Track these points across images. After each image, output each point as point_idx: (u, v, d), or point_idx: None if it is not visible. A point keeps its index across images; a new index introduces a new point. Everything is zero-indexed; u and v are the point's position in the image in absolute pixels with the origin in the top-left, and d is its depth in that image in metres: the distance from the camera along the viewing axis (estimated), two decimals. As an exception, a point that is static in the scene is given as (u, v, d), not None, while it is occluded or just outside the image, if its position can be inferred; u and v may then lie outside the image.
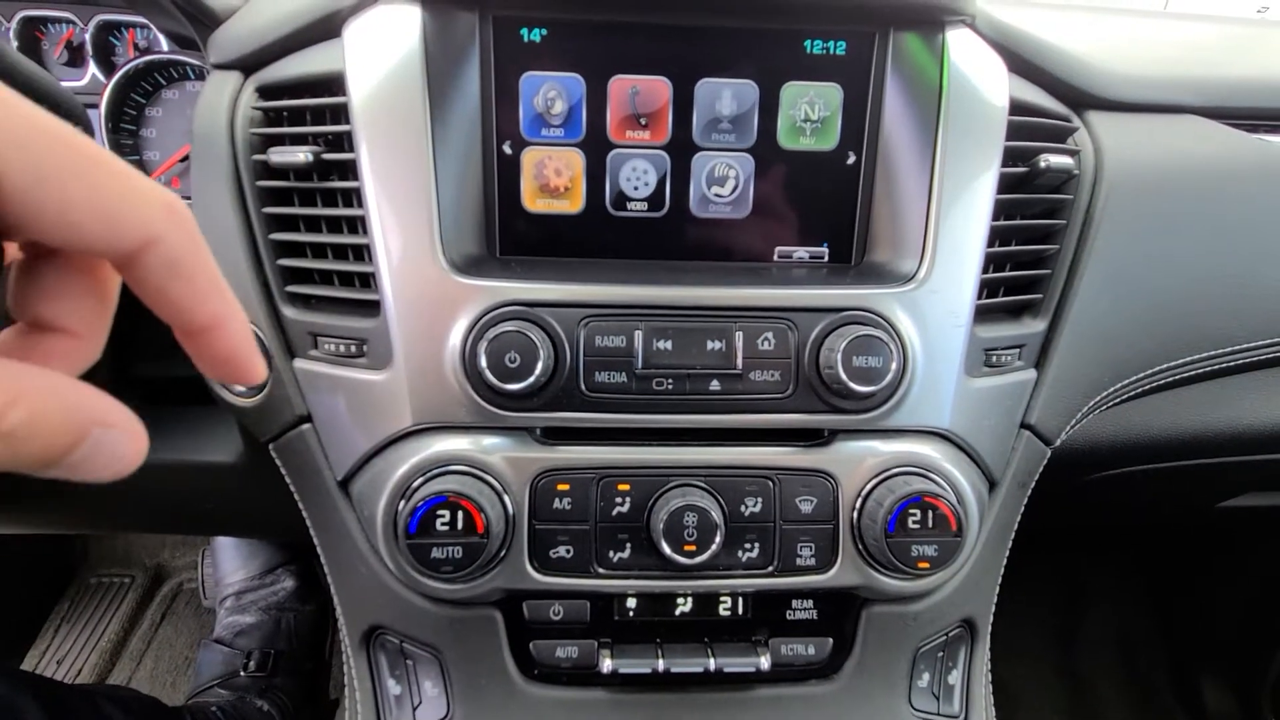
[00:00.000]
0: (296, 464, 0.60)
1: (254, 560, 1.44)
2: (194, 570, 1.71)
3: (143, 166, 0.81)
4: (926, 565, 0.53)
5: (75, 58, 0.82)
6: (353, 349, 0.55)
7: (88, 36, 0.80)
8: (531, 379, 0.50)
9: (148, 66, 0.80)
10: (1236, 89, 0.71)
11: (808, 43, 0.56)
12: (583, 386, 0.53)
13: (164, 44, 0.80)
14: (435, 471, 0.52)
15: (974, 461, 0.59)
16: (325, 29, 0.58)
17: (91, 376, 0.75)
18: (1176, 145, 0.67)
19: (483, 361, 0.50)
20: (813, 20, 0.56)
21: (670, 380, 0.53)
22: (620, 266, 0.58)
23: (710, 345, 0.53)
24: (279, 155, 0.55)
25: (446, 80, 0.54)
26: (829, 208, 0.60)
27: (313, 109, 0.57)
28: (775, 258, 0.61)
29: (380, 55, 0.54)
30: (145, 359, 0.73)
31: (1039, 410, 0.63)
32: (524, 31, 0.55)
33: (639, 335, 0.52)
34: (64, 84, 0.80)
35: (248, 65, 0.60)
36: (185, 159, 0.81)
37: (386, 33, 0.54)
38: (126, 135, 0.81)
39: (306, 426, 0.58)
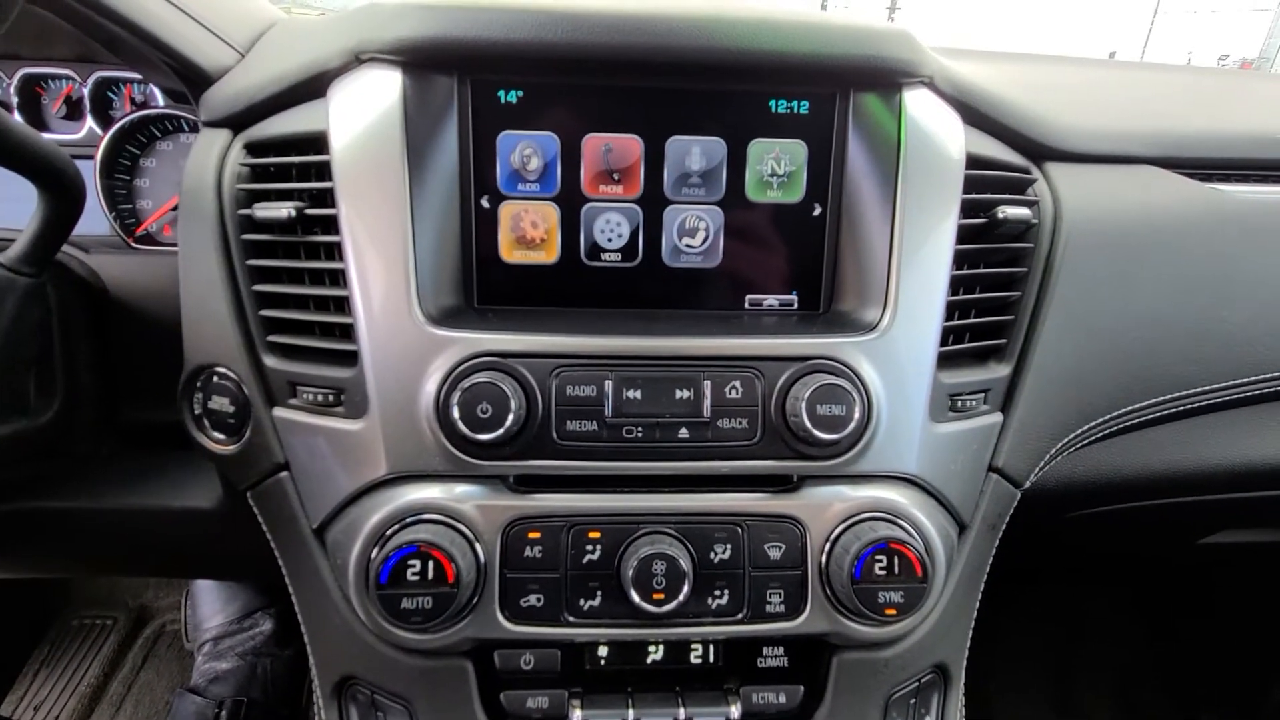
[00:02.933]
0: (273, 511, 0.60)
1: (233, 604, 1.43)
2: (177, 611, 1.69)
3: (135, 214, 0.84)
4: (894, 612, 0.53)
5: (74, 111, 0.84)
6: (330, 398, 0.57)
7: (86, 92, 0.83)
8: (503, 429, 0.51)
9: (143, 120, 0.82)
10: (1190, 140, 0.74)
11: (772, 102, 0.59)
12: (554, 435, 0.54)
13: (160, 99, 0.83)
14: (408, 520, 0.52)
15: (942, 505, 0.60)
16: (312, 89, 0.61)
17: (78, 422, 0.76)
18: (1133, 195, 0.69)
19: (455, 412, 0.51)
20: (775, 83, 0.58)
21: (640, 428, 0.54)
22: (593, 316, 0.60)
23: (679, 394, 0.54)
24: (263, 210, 0.57)
25: (425, 139, 0.56)
26: (796, 258, 0.62)
27: (298, 166, 0.59)
28: (746, 305, 0.63)
29: (361, 115, 0.56)
30: (130, 404, 0.74)
31: (1006, 453, 0.64)
32: (501, 94, 0.58)
33: (609, 385, 0.54)
34: (62, 136, 0.83)
35: (237, 123, 0.63)
36: (177, 207, 0.83)
37: (368, 94, 0.56)
38: (120, 184, 0.84)
39: (284, 474, 0.59)
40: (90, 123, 0.83)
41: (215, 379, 0.60)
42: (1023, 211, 0.62)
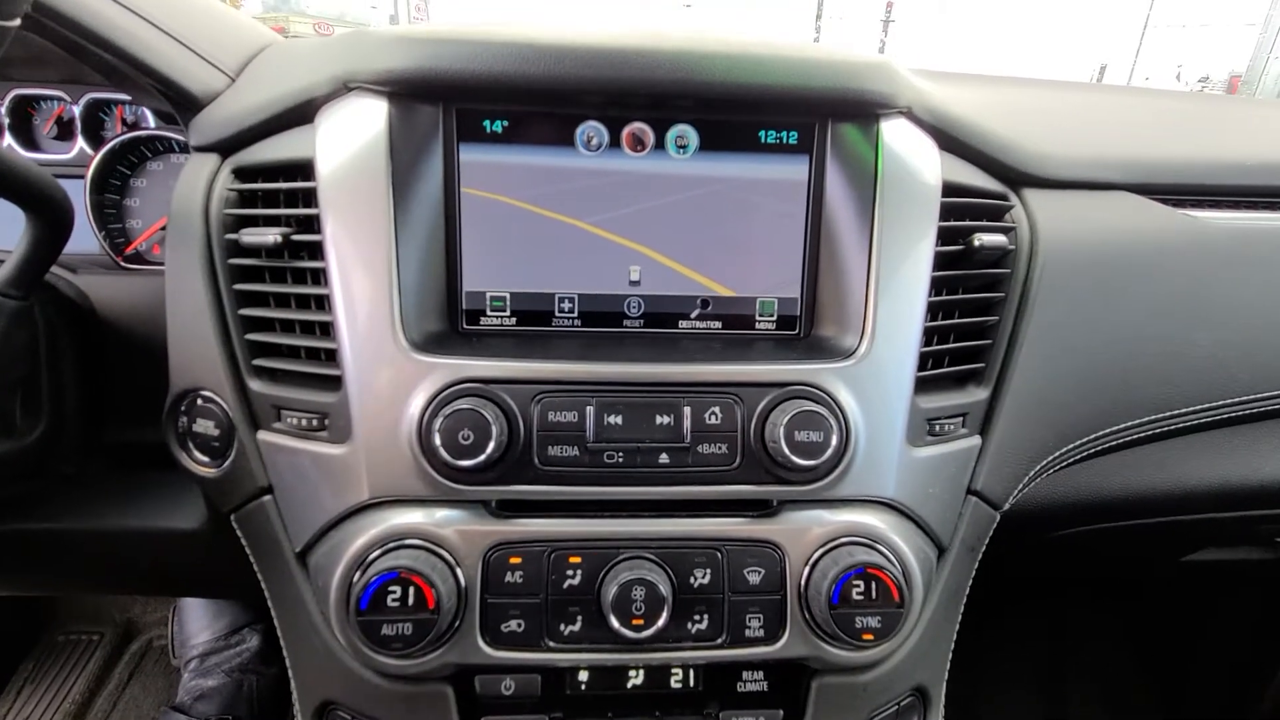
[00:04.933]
0: (256, 534, 0.60)
1: (220, 620, 1.42)
2: (164, 626, 1.68)
3: (125, 233, 0.84)
4: (871, 636, 0.54)
5: (64, 132, 0.85)
6: (314, 422, 0.57)
7: (77, 113, 0.84)
8: (485, 455, 0.51)
9: (134, 140, 0.83)
10: (1164, 167, 0.75)
11: (762, 133, 0.60)
12: (536, 460, 0.54)
13: (151, 120, 0.84)
14: (390, 545, 0.53)
15: (920, 529, 0.60)
16: (300, 115, 0.61)
17: (63, 442, 0.76)
18: (1108, 221, 0.71)
19: (437, 439, 0.51)
20: (754, 114, 0.59)
21: (621, 453, 0.55)
22: (575, 342, 0.60)
23: (659, 419, 0.55)
24: (250, 236, 0.58)
25: (410, 166, 0.57)
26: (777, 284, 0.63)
27: (285, 192, 0.60)
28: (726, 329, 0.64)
29: (346, 142, 0.57)
30: (115, 425, 0.74)
31: (985, 476, 0.65)
32: (486, 123, 0.59)
33: (590, 410, 0.54)
34: (53, 156, 0.84)
35: (225, 148, 0.63)
36: (166, 227, 0.84)
37: (354, 122, 0.57)
38: (110, 204, 0.84)
39: (267, 498, 0.59)
40: (81, 143, 0.84)
41: (200, 402, 0.60)
42: (999, 239, 0.63)
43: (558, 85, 0.56)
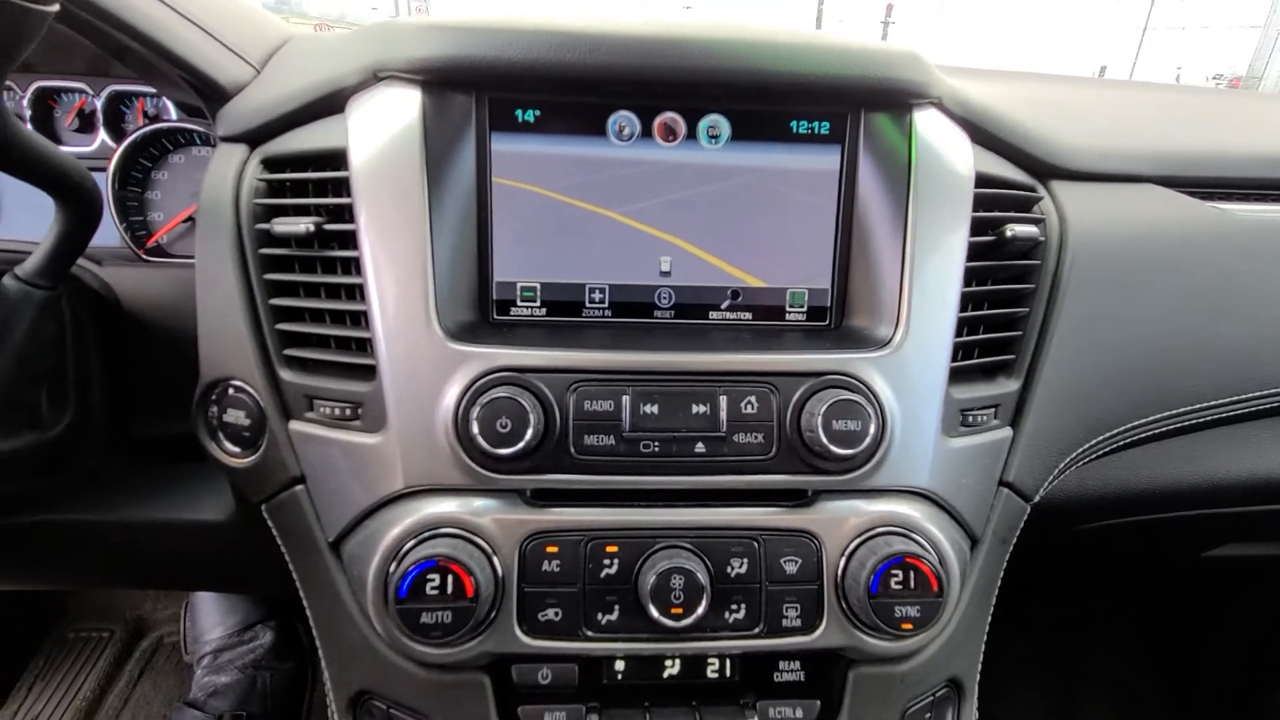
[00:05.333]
0: (288, 525, 0.60)
1: (233, 616, 1.42)
2: (175, 623, 1.68)
3: (146, 226, 0.84)
4: (910, 626, 0.53)
5: (86, 125, 0.85)
6: (348, 412, 0.57)
7: (99, 105, 0.83)
8: (523, 443, 0.51)
9: (155, 133, 0.83)
10: (1191, 160, 0.75)
11: (793, 123, 0.60)
12: (572, 449, 0.54)
13: (173, 112, 0.84)
14: (426, 534, 0.52)
15: (954, 520, 0.60)
16: (329, 106, 0.61)
17: (88, 436, 0.76)
18: (1136, 214, 0.71)
19: (475, 427, 0.51)
20: (788, 104, 0.59)
21: (657, 443, 0.55)
22: (609, 331, 0.60)
23: (695, 409, 0.55)
24: (282, 225, 0.57)
25: (443, 155, 0.57)
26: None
27: (315, 181, 0.60)
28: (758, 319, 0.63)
29: (380, 132, 0.57)
30: (139, 417, 0.74)
31: (1016, 468, 0.64)
32: (519, 112, 0.59)
33: (627, 400, 0.54)
34: (74, 149, 0.83)
35: (253, 138, 0.63)
36: (188, 219, 0.84)
37: (386, 111, 0.57)
38: (133, 196, 0.84)
39: (299, 488, 0.59)
40: (103, 135, 0.84)
41: (231, 392, 0.60)
42: (1030, 229, 0.63)
43: (592, 73, 0.56)
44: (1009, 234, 0.62)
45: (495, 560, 0.53)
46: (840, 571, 0.55)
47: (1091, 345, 0.67)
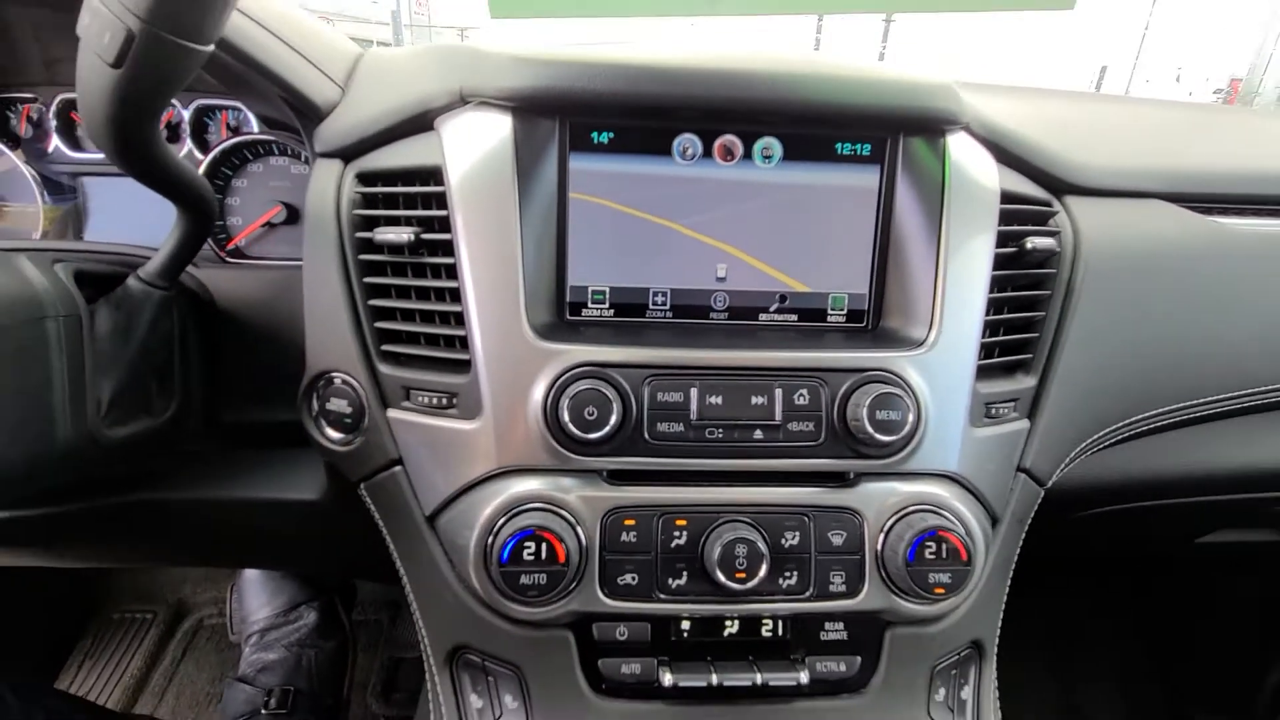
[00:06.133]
0: (387, 502, 0.67)
1: (279, 597, 1.49)
2: (214, 606, 1.75)
3: (226, 230, 0.91)
4: (942, 591, 0.61)
5: (172, 135, 0.91)
6: (444, 401, 0.64)
7: (186, 116, 0.90)
8: (606, 429, 0.59)
9: (238, 144, 0.90)
10: (1193, 177, 0.83)
11: (839, 145, 0.67)
12: (646, 435, 0.61)
13: (254, 125, 0.90)
14: (519, 509, 0.60)
15: (979, 500, 0.68)
16: (416, 125, 0.68)
17: (184, 423, 0.83)
18: (1143, 227, 0.78)
19: (565, 415, 0.58)
20: (835, 128, 0.66)
21: (720, 430, 0.62)
22: (675, 331, 0.67)
23: (754, 400, 0.62)
24: (385, 234, 0.64)
25: (530, 173, 0.64)
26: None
27: (406, 195, 0.66)
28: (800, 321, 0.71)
29: (474, 150, 0.64)
30: (231, 406, 0.81)
31: (1033, 455, 0.72)
32: (594, 134, 0.66)
33: (694, 392, 0.62)
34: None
35: (347, 154, 0.70)
36: (267, 224, 0.91)
37: (481, 133, 0.64)
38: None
39: (398, 469, 0.66)
40: (189, 145, 0.91)
41: (335, 383, 0.67)
42: (1048, 241, 0.70)
43: (664, 102, 0.63)
44: (1029, 245, 0.69)
45: (579, 531, 0.60)
46: (880, 543, 0.63)
47: (1102, 346, 0.74)
